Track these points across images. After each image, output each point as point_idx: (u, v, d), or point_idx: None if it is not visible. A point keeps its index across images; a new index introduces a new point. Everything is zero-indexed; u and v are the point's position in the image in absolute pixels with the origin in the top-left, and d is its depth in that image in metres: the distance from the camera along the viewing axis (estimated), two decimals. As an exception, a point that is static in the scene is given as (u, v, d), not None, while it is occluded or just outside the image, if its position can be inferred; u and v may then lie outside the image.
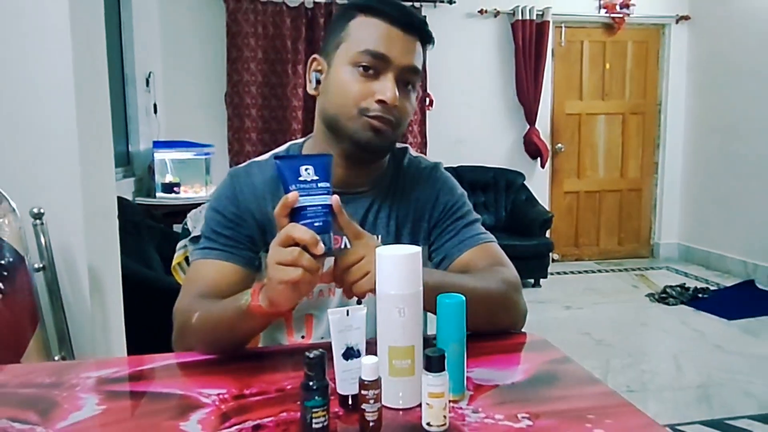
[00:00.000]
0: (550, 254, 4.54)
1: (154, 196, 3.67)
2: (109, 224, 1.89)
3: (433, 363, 0.71)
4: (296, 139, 1.21)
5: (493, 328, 1.00)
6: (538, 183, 4.95)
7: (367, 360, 0.71)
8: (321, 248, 0.80)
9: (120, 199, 2.74)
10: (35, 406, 0.79)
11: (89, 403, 0.80)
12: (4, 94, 1.60)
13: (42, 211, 1.57)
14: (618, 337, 3.39)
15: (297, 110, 4.35)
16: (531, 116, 4.80)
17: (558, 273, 4.79)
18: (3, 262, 1.44)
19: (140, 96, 3.77)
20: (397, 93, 0.97)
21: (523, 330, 1.04)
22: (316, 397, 0.68)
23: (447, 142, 4.77)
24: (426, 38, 1.03)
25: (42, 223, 1.57)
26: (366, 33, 0.98)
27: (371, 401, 0.70)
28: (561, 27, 4.90)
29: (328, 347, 0.75)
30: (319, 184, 0.83)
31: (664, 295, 4.06)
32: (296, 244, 0.80)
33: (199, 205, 2.39)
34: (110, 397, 0.82)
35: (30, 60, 1.60)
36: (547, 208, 4.91)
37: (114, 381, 0.88)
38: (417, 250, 0.77)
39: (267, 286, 0.83)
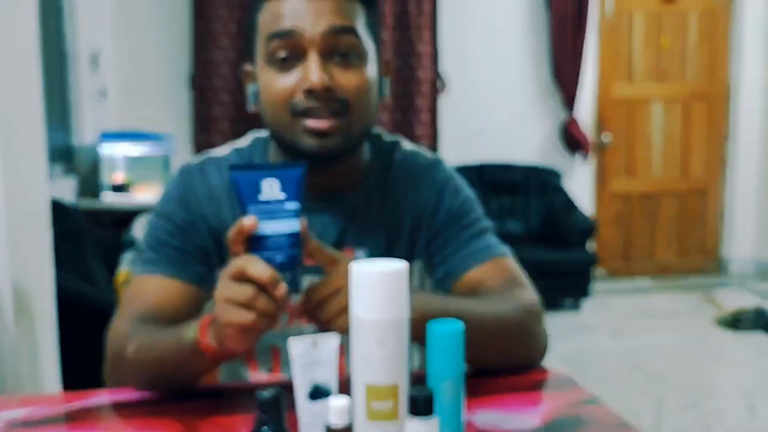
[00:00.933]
0: (594, 270, 4.52)
1: (101, 199, 3.68)
2: (40, 233, 1.89)
3: (419, 405, 0.70)
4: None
5: (506, 365, 0.99)
6: (579, 183, 4.94)
7: (335, 402, 0.70)
8: (282, 291, 0.79)
9: (56, 203, 2.75)
10: None
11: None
12: None
13: (-46, 216, 1.57)
14: (677, 371, 3.37)
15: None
16: (570, 102, 4.80)
17: (603, 293, 4.77)
18: None
19: (85, 78, 3.79)
20: (323, 72, 0.93)
21: (542, 365, 1.03)
22: (269, 444, 0.67)
23: (465, 135, 4.76)
24: None
25: (-46, 232, 1.57)
26: (270, 18, 0.97)
27: (338, 450, 0.69)
28: (606, -8, 4.91)
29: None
30: (286, 206, 0.80)
31: (735, 320, 4.03)
32: (252, 280, 0.79)
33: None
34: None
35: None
36: (589, 213, 4.90)
37: (25, 425, 0.87)
38: (401, 266, 0.76)
39: (214, 324, 0.83)
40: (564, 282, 4.30)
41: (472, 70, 4.75)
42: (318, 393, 0.76)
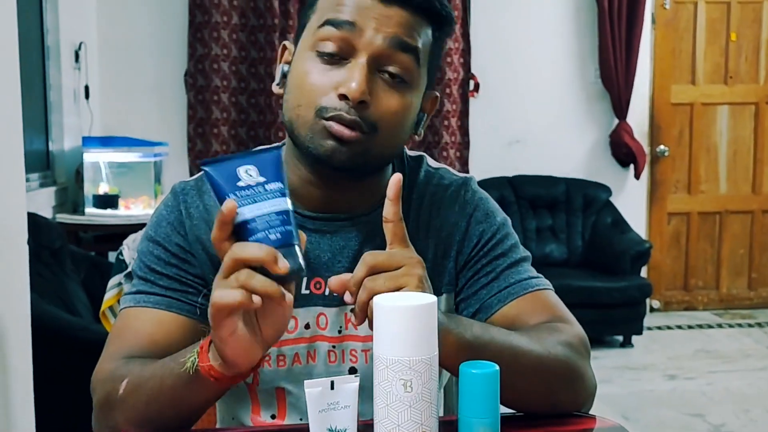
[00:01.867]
0: (648, 301, 4.50)
1: (83, 213, 3.73)
2: (15, 252, 1.93)
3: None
4: (283, 136, 1.21)
5: (549, 409, 1.00)
6: (631, 200, 4.93)
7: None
8: (284, 265, 0.78)
9: (34, 217, 2.80)
10: None
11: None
12: None
13: None
14: (745, 422, 3.33)
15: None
16: (621, 107, 4.80)
17: (659, 328, 4.75)
18: None
19: (66, 75, 3.86)
20: (367, 84, 0.96)
21: (590, 411, 1.04)
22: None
23: (498, 143, 4.78)
24: (429, 11, 1.00)
25: None
26: (331, 3, 0.99)
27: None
28: (664, -19, 4.93)
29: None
30: (268, 186, 0.82)
31: (814, 365, 4.00)
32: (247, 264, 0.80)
33: (141, 226, 2.44)
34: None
35: None
36: (643, 235, 4.89)
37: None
38: (431, 300, 0.78)
39: (213, 337, 0.84)
40: (613, 315, 4.28)
41: (508, 69, 4.76)
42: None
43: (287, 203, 0.82)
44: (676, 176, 5.11)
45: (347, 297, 0.88)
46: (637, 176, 4.89)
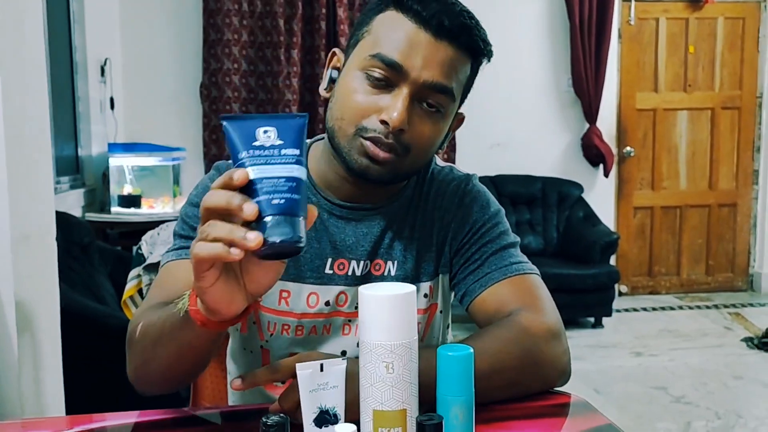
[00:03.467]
0: (617, 287, 4.49)
1: (110, 212, 3.73)
2: (45, 248, 1.91)
3: (427, 432, 0.70)
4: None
5: (523, 395, 0.99)
6: (601, 196, 4.93)
7: (342, 429, 0.70)
8: (250, 211, 0.69)
9: (64, 216, 2.79)
10: None
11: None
12: None
13: (-43, 231, 1.60)
14: (703, 394, 3.33)
15: (291, 105, 4.39)
16: (591, 113, 4.79)
17: (626, 310, 4.76)
18: None
19: (93, 88, 3.85)
20: (407, 114, 0.96)
21: (562, 388, 1.03)
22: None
23: (481, 147, 4.78)
24: (474, 49, 1.01)
25: (-43, 247, 1.59)
26: (386, 33, 0.98)
27: (344, 477, 0.70)
28: (630, 0, 4.90)
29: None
30: (284, 151, 0.72)
31: (766, 340, 3.98)
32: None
33: (161, 223, 2.43)
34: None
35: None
36: (611, 227, 4.88)
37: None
38: (410, 289, 0.78)
39: (194, 286, 0.78)
40: (585, 299, 4.29)
41: (491, 80, 4.69)
42: (324, 418, 0.77)
43: (300, 172, 0.72)
44: (641, 174, 5.11)
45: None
46: (606, 174, 4.89)
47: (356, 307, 1.07)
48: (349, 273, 1.07)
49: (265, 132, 0.73)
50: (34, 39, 1.89)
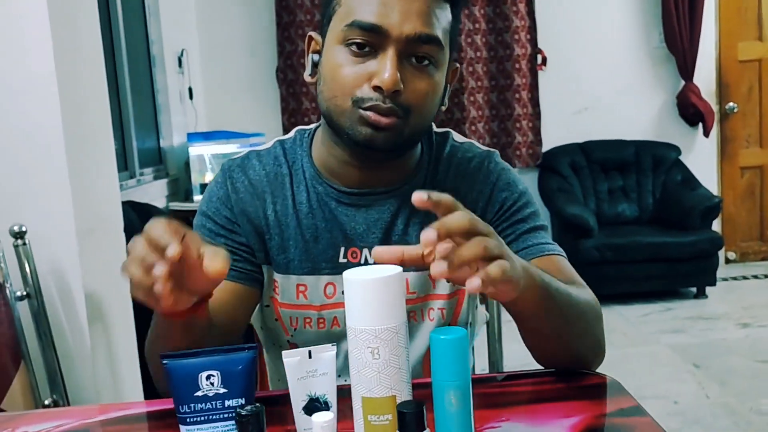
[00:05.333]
0: (722, 253, 4.27)
1: (192, 200, 3.82)
2: (113, 239, 2.00)
3: (407, 421, 0.69)
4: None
5: (577, 354, 0.98)
6: (701, 158, 4.70)
7: (319, 417, 0.70)
8: (172, 252, 0.72)
9: (146, 207, 2.90)
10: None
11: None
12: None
13: (24, 228, 1.69)
14: (816, 369, 3.12)
15: (367, 82, 4.39)
16: (687, 68, 4.56)
17: (734, 278, 4.54)
18: (-23, 290, 1.57)
19: (171, 79, 3.96)
20: (398, 75, 0.94)
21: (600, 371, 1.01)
22: (250, 463, 0.68)
23: (568, 111, 4.64)
24: None
25: (24, 243, 1.69)
26: (354, 2, 0.96)
27: (325, 467, 0.69)
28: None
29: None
30: (227, 403, 0.73)
31: None
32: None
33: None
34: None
35: (5, 51, 1.73)
36: (714, 191, 4.64)
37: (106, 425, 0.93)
38: (397, 271, 0.75)
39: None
40: (686, 268, 4.10)
41: (575, 41, 4.59)
42: (314, 406, 0.76)
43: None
44: (746, 131, 4.82)
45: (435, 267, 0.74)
46: (706, 134, 4.64)
47: None
48: (362, 261, 1.06)
49: (208, 378, 0.73)
50: (90, 34, 1.96)
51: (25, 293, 1.69)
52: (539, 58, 4.53)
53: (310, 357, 0.77)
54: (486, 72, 4.51)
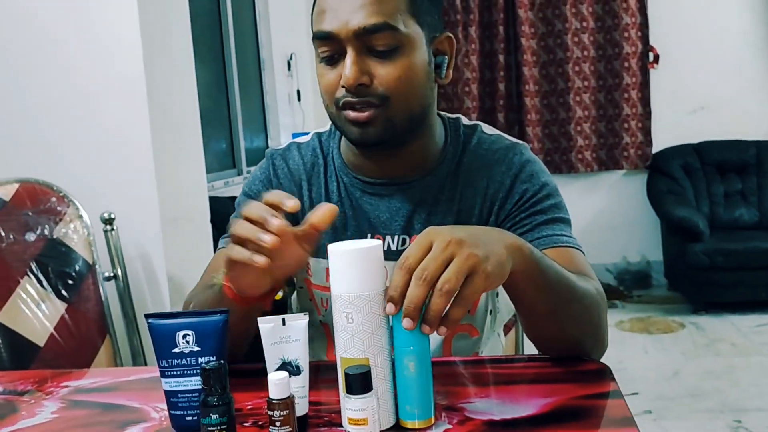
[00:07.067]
0: None
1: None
2: (197, 229, 2.16)
3: (352, 383, 0.74)
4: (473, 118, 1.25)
5: (578, 342, 0.98)
6: (832, 160, 4.36)
7: (274, 376, 0.77)
8: (275, 223, 0.82)
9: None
10: (-8, 411, 0.99)
11: (47, 411, 0.98)
12: (66, 91, 1.94)
13: (113, 216, 1.87)
14: None
15: (471, 83, 4.42)
16: (816, 63, 4.26)
17: None
18: (69, 270, 1.76)
19: (280, 82, 4.16)
20: (357, 69, 0.98)
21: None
22: (212, 415, 0.76)
23: (681, 111, 4.46)
24: None
25: (113, 229, 1.87)
26: (315, 16, 1.03)
27: (277, 423, 0.76)
28: None
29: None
30: (200, 359, 0.82)
31: None
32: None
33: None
34: (70, 407, 0.99)
35: (97, 51, 1.92)
36: None
37: (86, 391, 1.05)
38: (373, 244, 0.81)
39: (228, 271, 0.91)
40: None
41: (690, 37, 4.40)
42: (286, 369, 0.83)
43: None
44: None
45: (390, 309, 0.78)
46: (838, 134, 4.31)
47: None
48: (385, 248, 1.10)
49: (185, 336, 0.82)
50: (180, 37, 2.13)
51: (112, 274, 1.87)
52: (651, 55, 4.39)
53: (284, 324, 0.84)
54: (593, 71, 4.42)
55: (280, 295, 1.26)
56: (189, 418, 0.83)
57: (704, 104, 4.45)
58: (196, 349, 0.82)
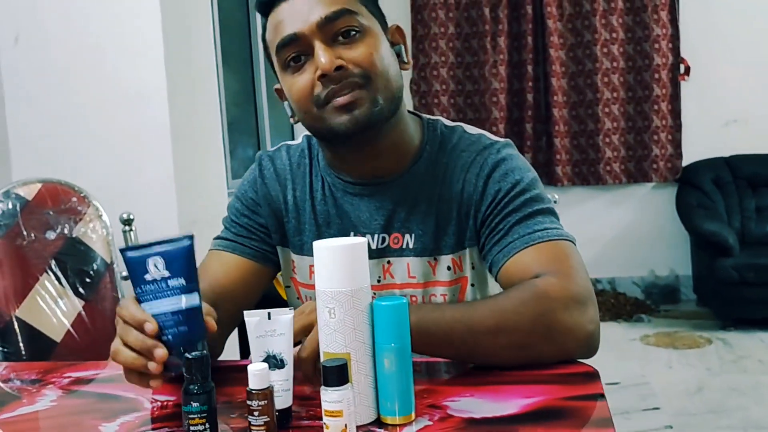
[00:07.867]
0: None
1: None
2: (216, 231, 2.18)
3: (328, 376, 0.76)
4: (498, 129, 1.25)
5: (532, 362, 0.96)
6: None
7: (253, 367, 0.79)
8: (149, 328, 0.84)
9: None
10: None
11: (46, 399, 1.01)
12: (90, 96, 2.00)
13: (132, 216, 1.91)
14: None
15: (499, 94, 4.42)
16: None
17: None
18: (87, 268, 1.80)
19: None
20: (332, 54, 1.01)
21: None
22: (193, 403, 0.78)
23: (713, 125, 4.39)
24: None
25: (132, 230, 1.91)
26: (272, 30, 1.06)
27: (255, 413, 0.78)
28: None
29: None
30: (170, 282, 0.85)
31: None
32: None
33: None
34: (68, 396, 1.02)
35: (120, 56, 1.98)
36: None
37: (86, 382, 1.09)
38: (358, 242, 0.83)
39: None
40: None
41: (722, 50, 4.34)
42: (271, 362, 0.85)
43: (188, 300, 0.86)
44: None
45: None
46: None
47: (378, 281, 1.14)
48: None
49: (155, 264, 0.85)
50: (203, 44, 2.18)
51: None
52: (682, 67, 4.34)
53: (269, 318, 0.86)
54: (623, 82, 4.39)
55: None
56: (164, 337, 0.85)
57: (736, 117, 4.38)
58: (166, 273, 0.85)
